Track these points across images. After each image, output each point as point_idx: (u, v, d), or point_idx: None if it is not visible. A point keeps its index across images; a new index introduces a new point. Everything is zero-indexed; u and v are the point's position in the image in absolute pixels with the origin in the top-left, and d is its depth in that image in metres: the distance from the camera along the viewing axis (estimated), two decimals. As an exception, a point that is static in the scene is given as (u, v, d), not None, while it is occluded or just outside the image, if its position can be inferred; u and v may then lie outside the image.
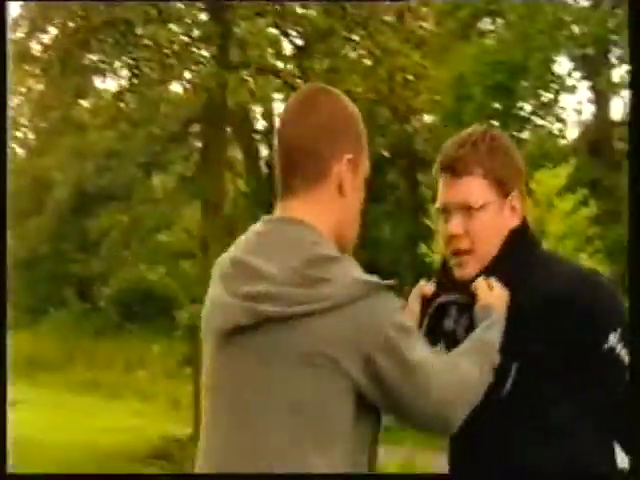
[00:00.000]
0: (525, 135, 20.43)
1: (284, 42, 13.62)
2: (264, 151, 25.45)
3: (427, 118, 20.29)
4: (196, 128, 18.20)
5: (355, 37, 13.34)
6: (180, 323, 15.77)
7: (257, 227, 2.52)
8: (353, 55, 13.48)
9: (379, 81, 12.81)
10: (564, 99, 24.86)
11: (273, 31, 13.30)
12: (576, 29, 21.52)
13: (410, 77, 13.42)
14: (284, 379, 2.33)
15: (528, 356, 2.63)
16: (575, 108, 22.56)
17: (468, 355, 2.55)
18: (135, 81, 13.86)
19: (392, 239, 22.99)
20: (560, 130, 21.09)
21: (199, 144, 19.92)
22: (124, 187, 24.59)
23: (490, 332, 2.62)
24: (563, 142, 21.72)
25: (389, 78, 12.95)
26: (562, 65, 23.57)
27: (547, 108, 21.68)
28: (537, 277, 2.71)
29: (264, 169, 25.08)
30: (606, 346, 2.63)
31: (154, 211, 23.59)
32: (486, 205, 2.73)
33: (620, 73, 22.25)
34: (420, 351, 2.40)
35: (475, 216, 2.72)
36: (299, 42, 13.56)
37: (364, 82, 13.01)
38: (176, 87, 15.24)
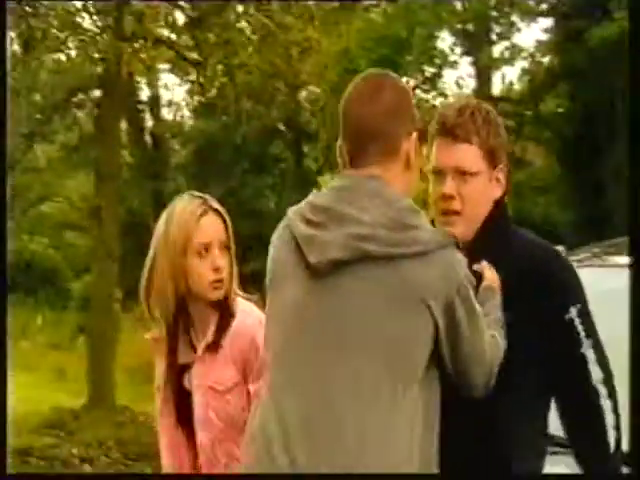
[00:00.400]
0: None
1: (178, 14, 13.60)
2: (149, 122, 25.33)
3: (313, 91, 20.45)
4: (82, 97, 18.01)
5: (248, 10, 13.38)
6: (74, 294, 15.65)
7: (335, 182, 2.71)
8: (247, 28, 13.51)
9: (275, 55, 12.91)
10: (447, 74, 25.33)
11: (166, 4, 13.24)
12: (458, 5, 21.95)
13: (301, 50, 13.53)
14: (377, 316, 2.51)
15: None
16: (457, 82, 22.92)
17: (492, 326, 2.75)
18: (22, 50, 13.68)
19: (276, 211, 23.17)
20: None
21: (82, 114, 19.76)
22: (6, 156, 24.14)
23: (498, 311, 2.82)
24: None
25: (283, 51, 13.05)
26: (445, 40, 23.96)
27: (430, 82, 22.11)
28: (513, 251, 2.91)
29: (149, 140, 24.97)
30: (566, 317, 2.83)
31: (37, 181, 23.22)
32: (479, 173, 2.94)
33: (500, 49, 22.80)
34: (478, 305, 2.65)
35: (468, 181, 2.93)
36: (193, 15, 13.54)
37: (258, 55, 13.08)
38: (65, 57, 15.01)
